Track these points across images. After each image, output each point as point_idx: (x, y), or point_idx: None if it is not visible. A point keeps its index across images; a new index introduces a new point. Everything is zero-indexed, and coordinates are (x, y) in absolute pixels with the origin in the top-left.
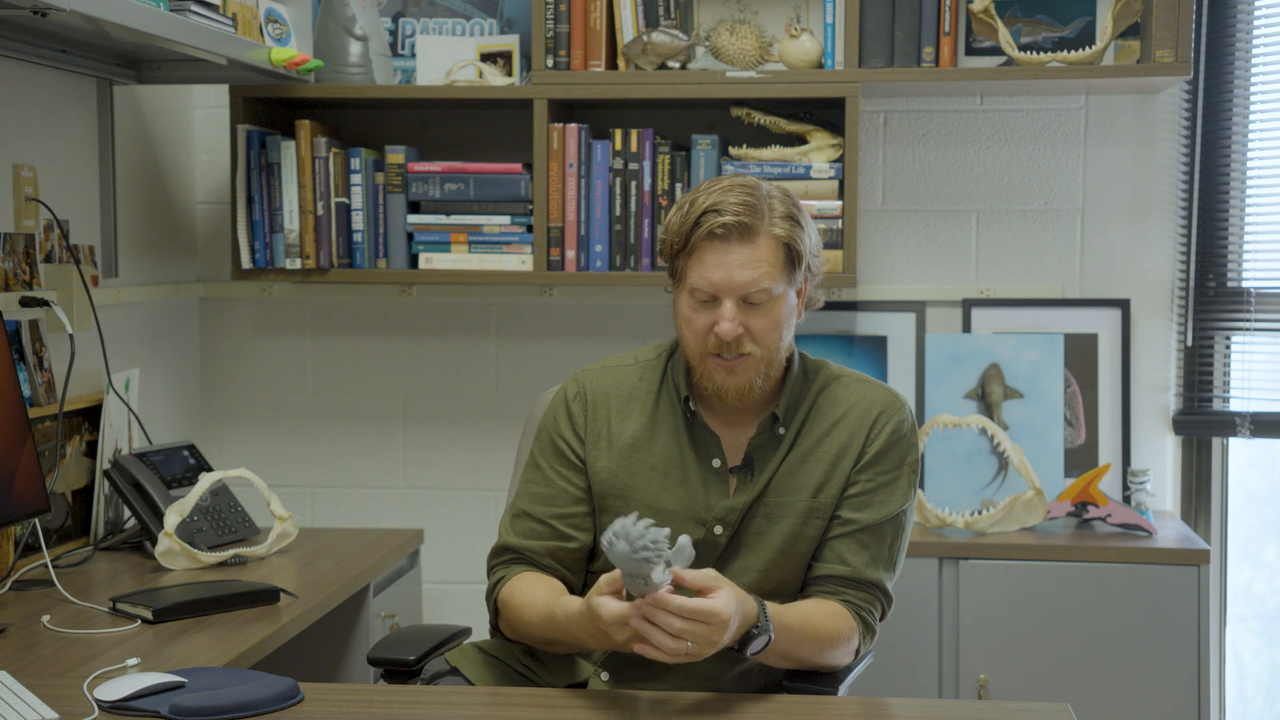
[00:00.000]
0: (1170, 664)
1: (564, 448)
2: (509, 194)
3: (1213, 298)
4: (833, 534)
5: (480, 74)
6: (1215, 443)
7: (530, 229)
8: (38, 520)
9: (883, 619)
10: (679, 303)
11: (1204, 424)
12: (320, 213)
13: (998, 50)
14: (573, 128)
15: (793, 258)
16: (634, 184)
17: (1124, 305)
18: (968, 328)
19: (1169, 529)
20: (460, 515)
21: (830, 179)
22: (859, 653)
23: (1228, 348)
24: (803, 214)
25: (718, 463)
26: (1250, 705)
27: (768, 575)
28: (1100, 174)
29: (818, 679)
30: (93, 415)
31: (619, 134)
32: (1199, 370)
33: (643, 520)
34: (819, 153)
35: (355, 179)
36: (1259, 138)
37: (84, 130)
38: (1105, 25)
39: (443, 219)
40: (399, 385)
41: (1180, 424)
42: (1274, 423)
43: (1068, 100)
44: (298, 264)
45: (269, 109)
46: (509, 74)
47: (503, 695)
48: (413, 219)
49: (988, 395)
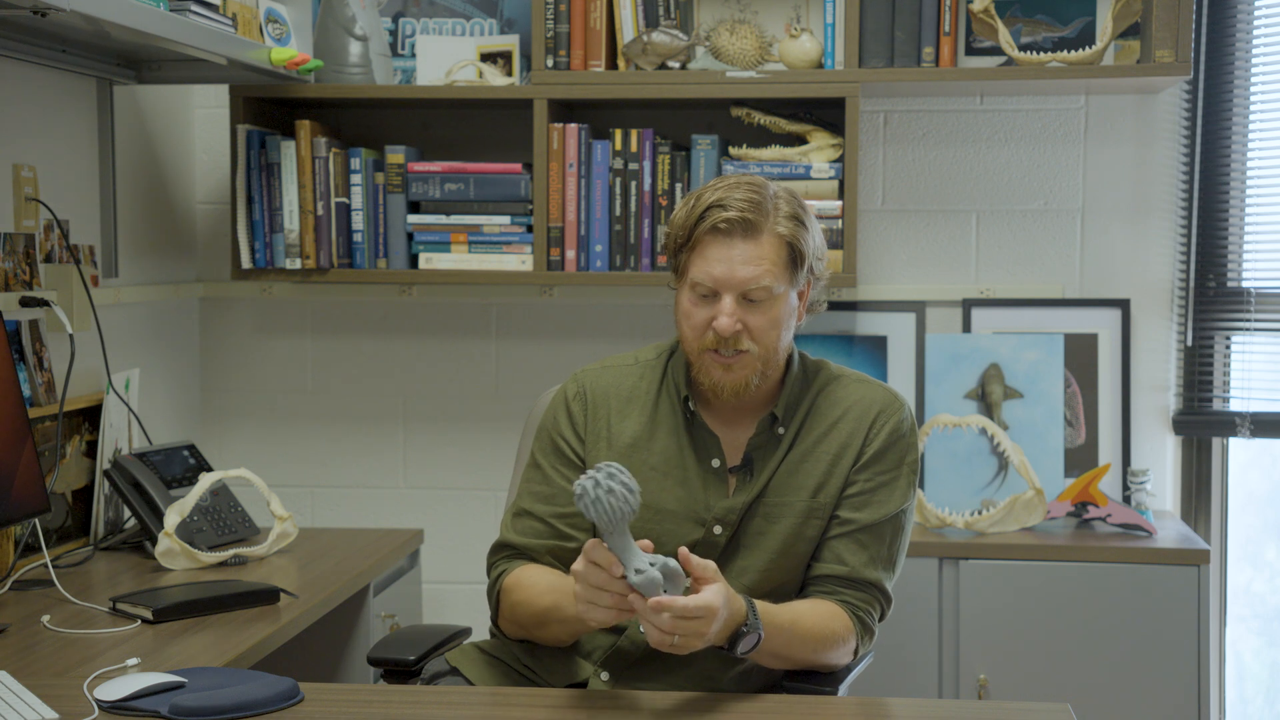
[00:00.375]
0: (1170, 664)
1: (564, 447)
2: (509, 194)
3: (1213, 298)
4: (831, 534)
5: (480, 74)
6: (1215, 443)
7: (530, 229)
8: (38, 520)
9: (882, 619)
10: (680, 298)
11: (1204, 424)
12: (320, 213)
13: (998, 50)
14: (573, 128)
15: (795, 258)
16: (634, 184)
17: (1124, 305)
18: (968, 328)
19: (1169, 529)
20: (460, 515)
21: (830, 179)
22: (857, 653)
23: (1228, 348)
24: (808, 215)
25: (717, 463)
26: (1250, 705)
27: (767, 575)
28: (1100, 174)
29: (817, 679)
30: (93, 415)
31: (619, 134)
32: (1199, 370)
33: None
34: (819, 153)
35: (355, 179)
36: (1259, 138)
37: (84, 130)
38: (1105, 25)
39: (443, 219)
40: (399, 385)
41: (1180, 424)
42: (1274, 423)
43: (1068, 100)
44: (298, 264)
45: (269, 109)
46: (509, 74)
47: (503, 695)
48: (413, 219)
49: (988, 395)
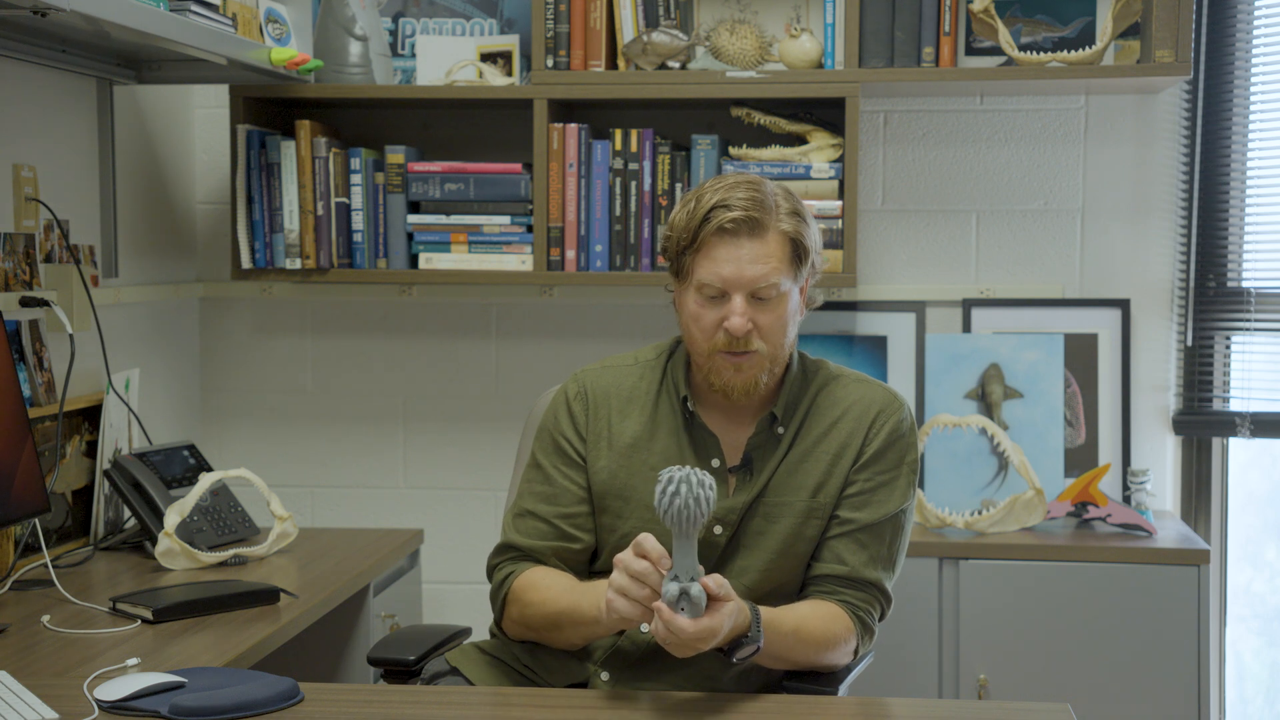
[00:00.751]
0: (1170, 664)
1: (566, 447)
2: (509, 194)
3: (1213, 298)
4: (831, 534)
5: (480, 74)
6: (1215, 443)
7: (530, 229)
8: (38, 520)
9: (882, 619)
10: (685, 300)
11: (1204, 424)
12: (320, 213)
13: (998, 50)
14: (573, 128)
15: (799, 253)
16: (634, 184)
17: (1124, 305)
18: (968, 328)
19: (1169, 529)
20: (460, 515)
21: (830, 179)
22: (857, 653)
23: (1228, 348)
24: (806, 211)
25: (717, 463)
26: (1250, 705)
27: (768, 575)
28: (1100, 174)
29: (817, 679)
30: (93, 415)
31: (619, 134)
32: (1199, 370)
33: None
34: (819, 153)
35: (355, 179)
36: (1259, 138)
37: (84, 130)
38: (1105, 25)
39: (443, 219)
40: (399, 385)
41: (1180, 424)
42: (1274, 423)
43: (1068, 100)
44: (298, 264)
45: (269, 109)
46: (509, 74)
47: (503, 695)
48: (413, 219)
49: (988, 395)
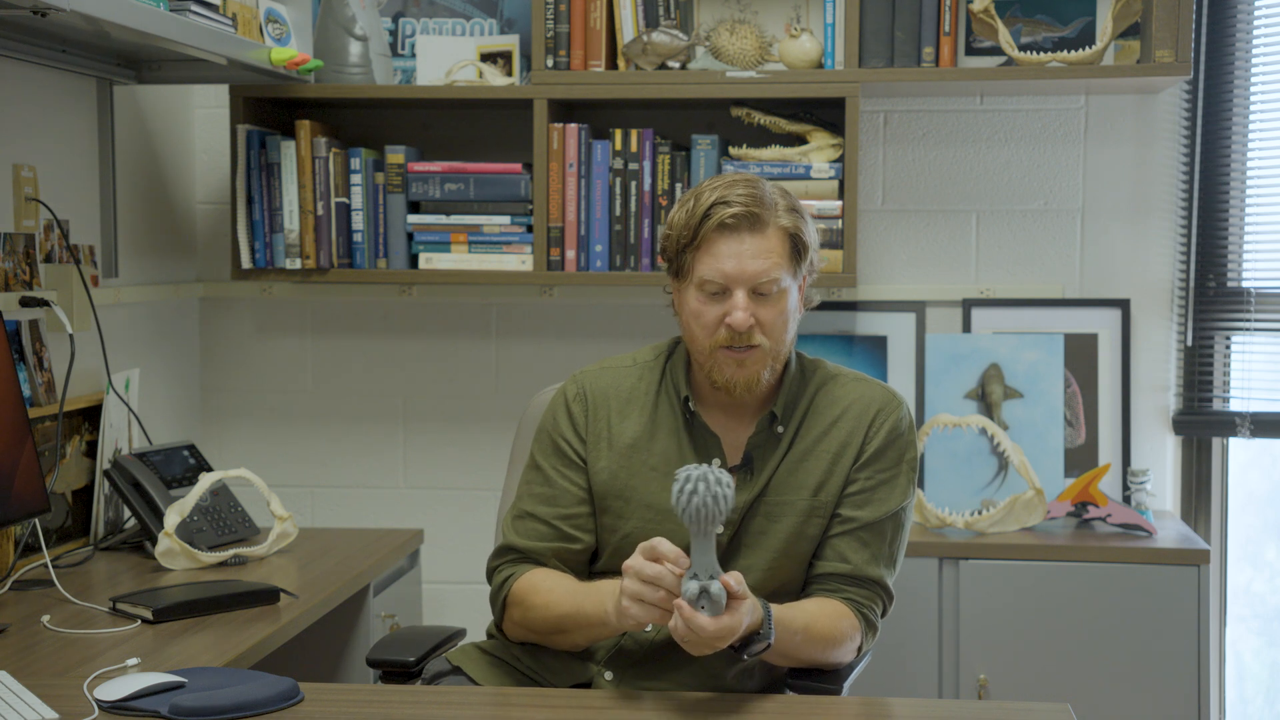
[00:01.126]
0: (1170, 664)
1: (566, 448)
2: (509, 194)
3: (1213, 298)
4: (833, 532)
5: (480, 74)
6: (1215, 443)
7: (530, 229)
8: (38, 520)
9: (884, 615)
10: (686, 298)
11: (1204, 424)
12: (320, 213)
13: (998, 50)
14: (573, 128)
15: (799, 249)
16: (634, 184)
17: (1124, 305)
18: (968, 328)
19: (1169, 529)
20: (460, 515)
21: (830, 179)
22: (860, 650)
23: (1228, 348)
24: (803, 209)
25: (718, 462)
26: (1250, 705)
27: (771, 574)
28: (1100, 174)
29: (820, 676)
30: (93, 415)
31: (619, 134)
32: (1199, 370)
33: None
34: (819, 153)
35: (355, 179)
36: (1259, 138)
37: (84, 130)
38: (1105, 25)
39: (443, 219)
40: (399, 385)
41: (1180, 424)
42: (1274, 423)
43: (1068, 100)
44: (298, 264)
45: (269, 109)
46: (509, 74)
47: (503, 695)
48: (413, 219)
49: (988, 395)
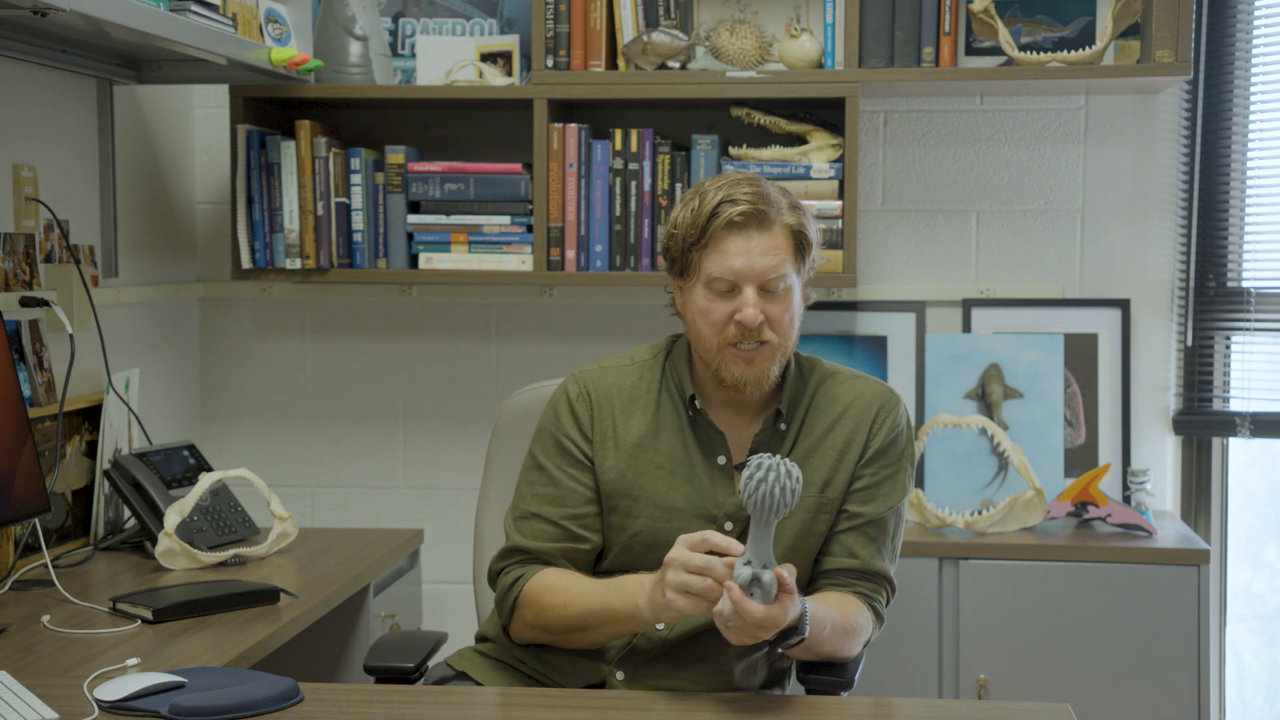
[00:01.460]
0: (1170, 664)
1: (571, 448)
2: (509, 194)
3: (1213, 298)
4: (840, 528)
5: (480, 74)
6: (1215, 443)
7: (530, 229)
8: (38, 520)
9: (887, 606)
10: (692, 296)
11: (1204, 424)
12: (320, 213)
13: (998, 50)
14: (573, 128)
15: (802, 246)
16: (634, 184)
17: (1124, 305)
18: (968, 328)
19: (1169, 529)
20: (460, 515)
21: (830, 179)
22: (868, 641)
23: (1228, 348)
24: (804, 207)
25: (723, 459)
26: (1250, 705)
27: None
28: (1100, 174)
29: (829, 669)
30: (93, 415)
31: (619, 134)
32: (1199, 370)
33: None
34: (819, 153)
35: (355, 179)
36: (1259, 138)
37: (84, 130)
38: (1105, 25)
39: (443, 219)
40: (399, 385)
41: (1180, 424)
42: (1274, 423)
43: (1068, 100)
44: (298, 264)
45: (269, 109)
46: (509, 74)
47: (504, 695)
48: (413, 219)
49: (988, 395)
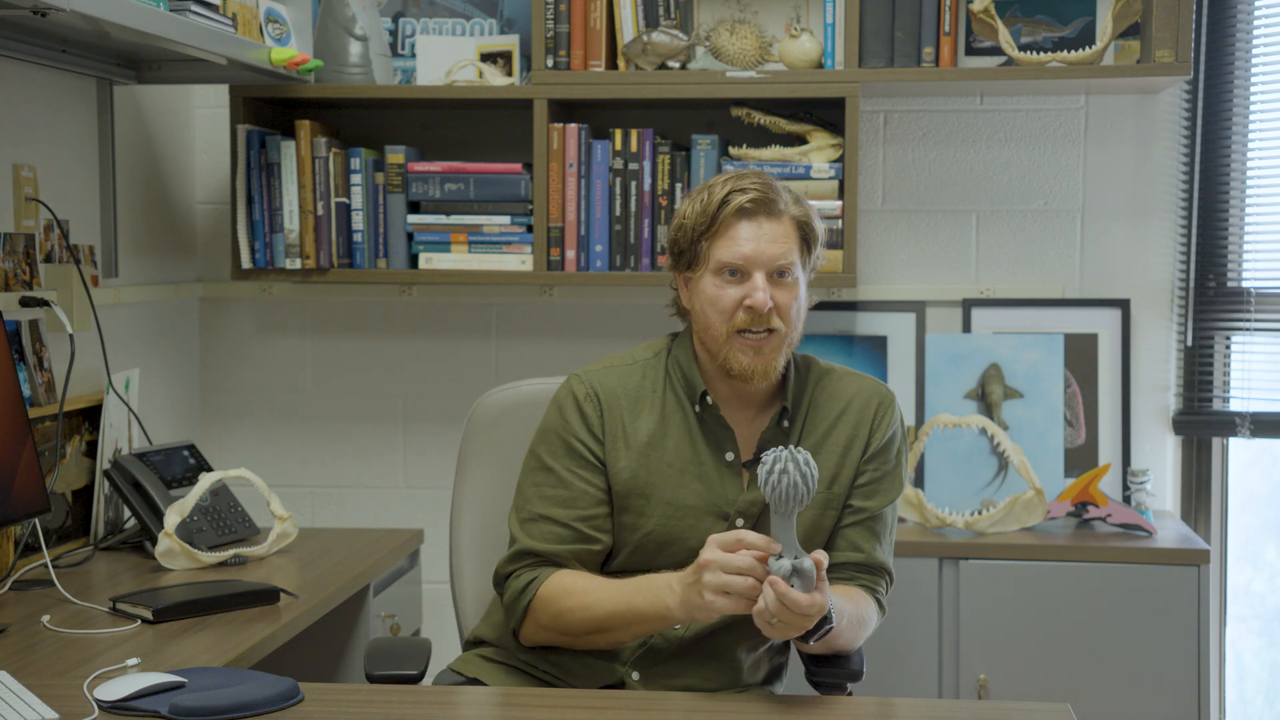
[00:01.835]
0: (1170, 664)
1: (581, 449)
2: (509, 194)
3: (1213, 298)
4: (845, 523)
5: (480, 74)
6: (1215, 443)
7: (530, 229)
8: (38, 520)
9: (886, 595)
10: (701, 285)
11: (1204, 424)
12: (320, 213)
13: (998, 50)
14: (573, 128)
15: (808, 239)
16: (634, 184)
17: (1124, 305)
18: (968, 328)
19: (1169, 529)
20: None
21: (830, 179)
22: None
23: (1228, 348)
24: (809, 205)
25: (731, 456)
26: (1250, 705)
27: None
28: (1100, 174)
29: (836, 662)
30: (93, 415)
31: (619, 134)
32: (1199, 370)
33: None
34: (819, 153)
35: (355, 179)
36: (1259, 138)
37: (84, 130)
38: (1105, 25)
39: (443, 219)
40: (399, 385)
41: (1180, 424)
42: (1274, 423)
43: (1068, 100)
44: (298, 264)
45: (269, 109)
46: (509, 74)
47: (504, 695)
48: (413, 219)
49: (988, 395)
